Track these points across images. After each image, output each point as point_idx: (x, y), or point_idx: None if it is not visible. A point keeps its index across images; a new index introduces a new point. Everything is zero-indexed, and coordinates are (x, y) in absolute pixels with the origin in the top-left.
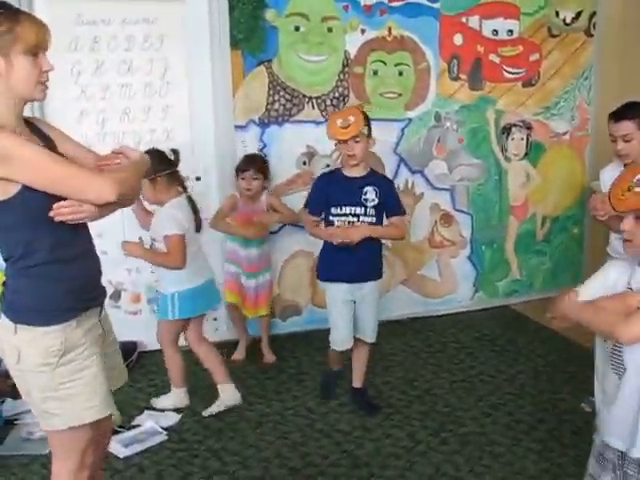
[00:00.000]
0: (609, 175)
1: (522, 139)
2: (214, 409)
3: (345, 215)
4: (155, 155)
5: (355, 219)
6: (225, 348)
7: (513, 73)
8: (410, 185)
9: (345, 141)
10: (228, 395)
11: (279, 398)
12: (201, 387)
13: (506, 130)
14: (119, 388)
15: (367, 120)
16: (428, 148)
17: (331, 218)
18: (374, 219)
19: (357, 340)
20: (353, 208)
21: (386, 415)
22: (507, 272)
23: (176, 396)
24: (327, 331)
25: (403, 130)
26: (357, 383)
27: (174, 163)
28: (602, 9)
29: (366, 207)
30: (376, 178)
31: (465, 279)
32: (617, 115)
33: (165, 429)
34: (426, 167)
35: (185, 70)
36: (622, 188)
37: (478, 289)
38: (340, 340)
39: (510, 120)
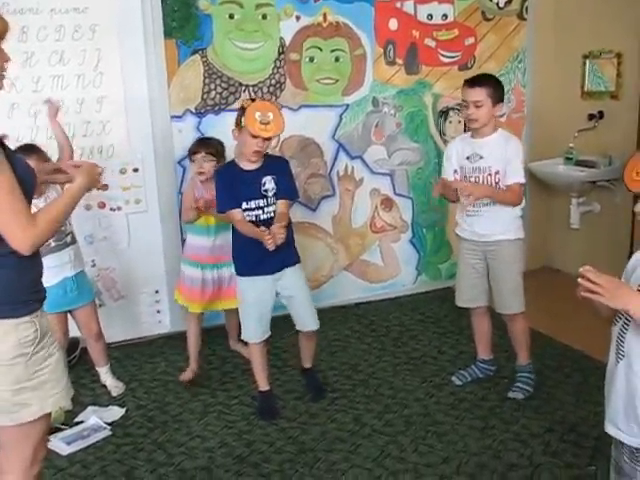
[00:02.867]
0: (454, 146)
1: (460, 122)
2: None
3: (251, 209)
4: None
5: (260, 211)
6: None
7: (449, 57)
8: (350, 171)
9: (258, 137)
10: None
11: (224, 388)
12: (148, 380)
13: (443, 113)
14: None
15: (283, 122)
16: (366, 133)
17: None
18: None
19: (301, 332)
20: (257, 201)
21: (331, 400)
22: (449, 254)
23: None
24: (275, 319)
25: (341, 116)
26: (307, 363)
27: None
28: None
29: (267, 197)
30: (272, 165)
31: (407, 263)
32: (472, 82)
33: (109, 424)
34: (365, 152)
35: (119, 60)
36: (636, 169)
37: (421, 272)
38: (253, 334)
39: (447, 103)
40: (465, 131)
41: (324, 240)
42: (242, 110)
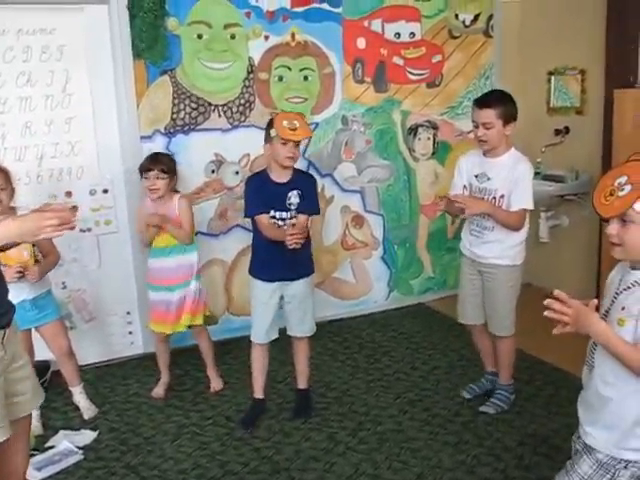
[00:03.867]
0: (466, 161)
1: (429, 139)
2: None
3: (275, 219)
4: None
5: (282, 222)
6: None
7: (417, 74)
8: (320, 189)
9: (288, 142)
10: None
11: (197, 409)
12: (120, 402)
13: (413, 130)
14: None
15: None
16: (336, 151)
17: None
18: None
19: (294, 339)
20: (281, 213)
21: (304, 418)
22: (420, 270)
23: None
24: (244, 339)
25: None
26: (300, 384)
27: None
28: (499, 11)
29: (291, 211)
30: (300, 180)
31: (379, 279)
32: (480, 102)
33: (81, 448)
34: (335, 170)
35: (87, 81)
36: (604, 193)
37: (393, 288)
38: (259, 334)
39: (416, 120)
40: (434, 149)
41: None
42: (269, 125)
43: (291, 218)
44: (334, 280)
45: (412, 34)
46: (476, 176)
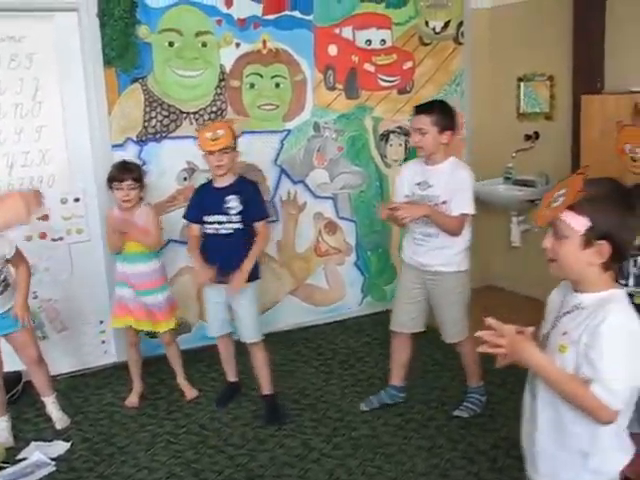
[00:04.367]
0: (407, 170)
1: (400, 145)
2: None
3: (212, 223)
4: None
5: (220, 226)
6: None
7: (388, 81)
8: (293, 195)
9: (213, 152)
10: None
11: (171, 417)
12: (94, 412)
13: (384, 137)
14: None
15: (234, 133)
16: (308, 158)
17: (205, 226)
18: (240, 225)
19: (247, 346)
20: (217, 216)
21: (278, 425)
22: (394, 276)
23: None
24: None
25: (282, 141)
26: (264, 390)
27: None
28: (469, 19)
29: (229, 215)
30: (241, 186)
31: (353, 285)
32: (417, 109)
33: (54, 459)
34: (307, 177)
35: (58, 90)
36: (544, 204)
37: (366, 294)
38: (212, 329)
39: (388, 127)
40: (406, 154)
41: (269, 265)
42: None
43: (229, 222)
44: (307, 286)
45: (383, 41)
46: (418, 184)
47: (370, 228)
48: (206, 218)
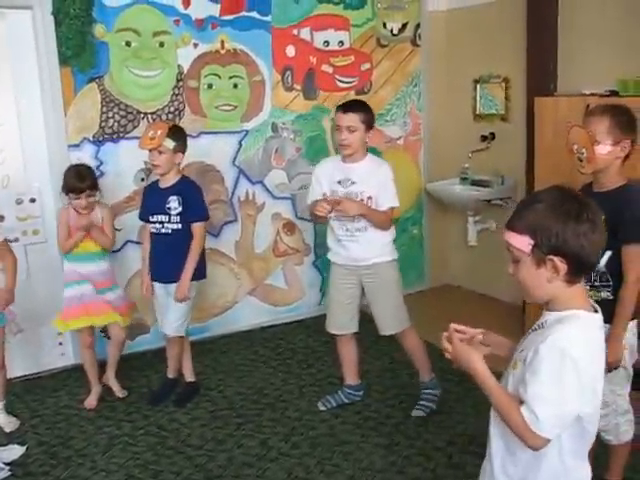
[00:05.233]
0: (324, 169)
1: None
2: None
3: (154, 222)
4: None
5: (161, 226)
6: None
7: (346, 82)
8: (251, 196)
9: (150, 151)
10: None
11: (129, 419)
12: (50, 415)
13: None
14: None
15: (178, 135)
16: (267, 158)
17: (149, 225)
18: (179, 225)
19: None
20: (160, 216)
21: (237, 425)
22: None
23: None
24: None
25: (240, 142)
26: (169, 373)
27: None
28: (426, 21)
29: (170, 215)
30: (182, 187)
31: (312, 285)
32: (345, 107)
33: (8, 464)
34: (266, 177)
35: (12, 89)
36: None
37: (325, 294)
38: (160, 324)
39: None
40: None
41: (227, 265)
42: None
43: (170, 222)
44: (266, 287)
45: (341, 42)
46: (339, 182)
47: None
48: (150, 217)
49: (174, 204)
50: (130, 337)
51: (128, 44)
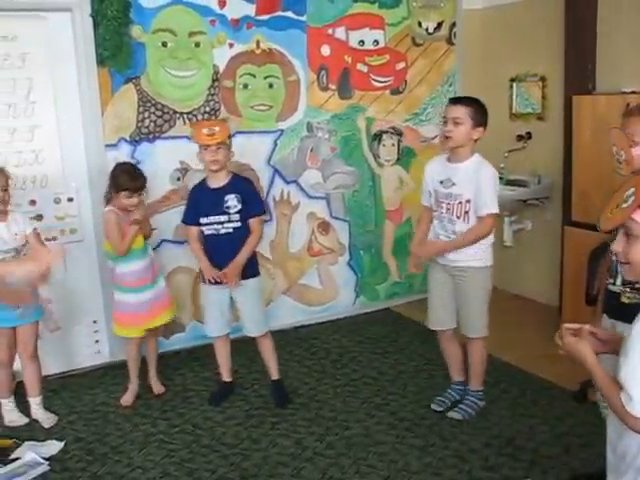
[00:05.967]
0: (430, 168)
1: (393, 145)
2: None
3: (211, 224)
4: None
5: (220, 226)
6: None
7: (381, 81)
8: (286, 195)
9: (209, 147)
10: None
11: (165, 417)
12: (87, 411)
13: (377, 137)
14: None
15: (228, 132)
16: (301, 158)
17: (202, 228)
18: (239, 223)
19: (256, 338)
20: (217, 217)
21: (272, 424)
22: (386, 275)
23: None
24: (211, 346)
25: (276, 141)
26: (272, 375)
27: None
28: (461, 19)
29: (229, 214)
30: (237, 184)
31: (346, 285)
32: (455, 99)
33: (47, 459)
34: (301, 177)
35: (51, 89)
36: (612, 206)
37: (359, 294)
38: (212, 329)
39: (381, 127)
40: (398, 155)
41: (262, 265)
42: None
43: (229, 222)
44: (300, 286)
45: (376, 42)
46: (441, 182)
47: (363, 228)
48: (204, 220)
49: (233, 202)
50: (165, 335)
51: (164, 44)
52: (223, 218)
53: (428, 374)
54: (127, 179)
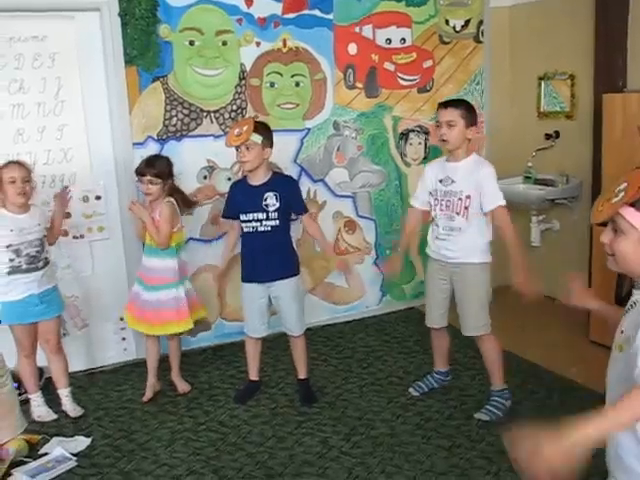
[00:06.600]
0: (430, 169)
1: (420, 144)
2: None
3: (250, 221)
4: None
5: (258, 224)
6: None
7: (408, 80)
8: (312, 194)
9: (238, 148)
10: None
11: (191, 414)
12: (114, 408)
13: (404, 135)
14: None
15: (264, 131)
16: (328, 157)
17: (242, 225)
18: (277, 222)
19: (289, 336)
20: (256, 214)
21: (298, 423)
22: (412, 275)
23: None
24: (237, 344)
25: (302, 140)
26: (300, 374)
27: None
28: (489, 17)
29: (267, 212)
30: (278, 182)
31: (372, 284)
32: (446, 103)
33: (75, 455)
34: (327, 176)
35: (80, 88)
36: (603, 199)
37: (385, 293)
38: (251, 328)
39: (407, 126)
40: (425, 153)
41: None
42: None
43: (268, 219)
44: (327, 285)
45: (403, 40)
46: (440, 181)
47: (390, 227)
48: (243, 216)
49: (272, 200)
50: (192, 333)
51: (191, 43)
52: (261, 215)
53: (455, 374)
54: (142, 164)
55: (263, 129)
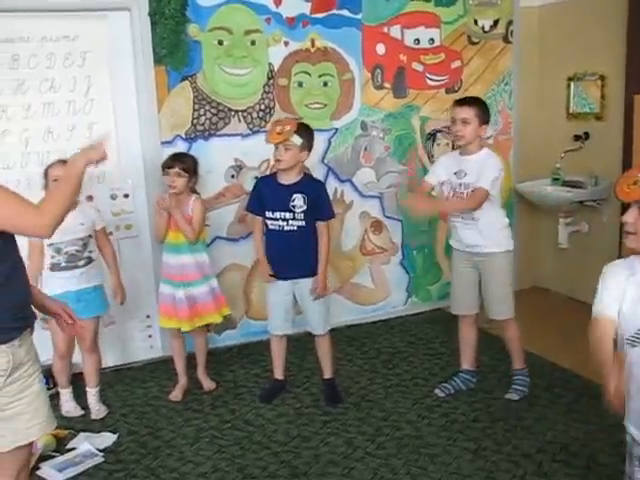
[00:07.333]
0: (445, 160)
1: (448, 144)
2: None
3: (276, 219)
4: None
5: (285, 223)
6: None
7: (436, 80)
8: (339, 194)
9: (277, 146)
10: None
11: (216, 412)
12: (140, 405)
13: (432, 136)
14: None
15: (306, 133)
16: (355, 157)
17: (267, 221)
18: (303, 222)
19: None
20: (283, 213)
21: (323, 423)
22: (439, 276)
23: None
24: (263, 343)
25: (330, 140)
26: (325, 374)
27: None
28: (518, 17)
29: (294, 212)
30: (307, 185)
31: (398, 285)
32: (461, 101)
33: (101, 450)
34: (354, 176)
35: (109, 87)
36: (628, 182)
37: (411, 294)
38: (275, 326)
39: (435, 126)
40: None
41: None
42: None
43: (294, 220)
44: (352, 285)
45: (431, 40)
46: (455, 173)
47: (416, 227)
48: (269, 214)
49: (299, 202)
50: (217, 332)
51: (220, 43)
52: (288, 215)
53: (481, 376)
54: (167, 158)
55: (305, 131)
